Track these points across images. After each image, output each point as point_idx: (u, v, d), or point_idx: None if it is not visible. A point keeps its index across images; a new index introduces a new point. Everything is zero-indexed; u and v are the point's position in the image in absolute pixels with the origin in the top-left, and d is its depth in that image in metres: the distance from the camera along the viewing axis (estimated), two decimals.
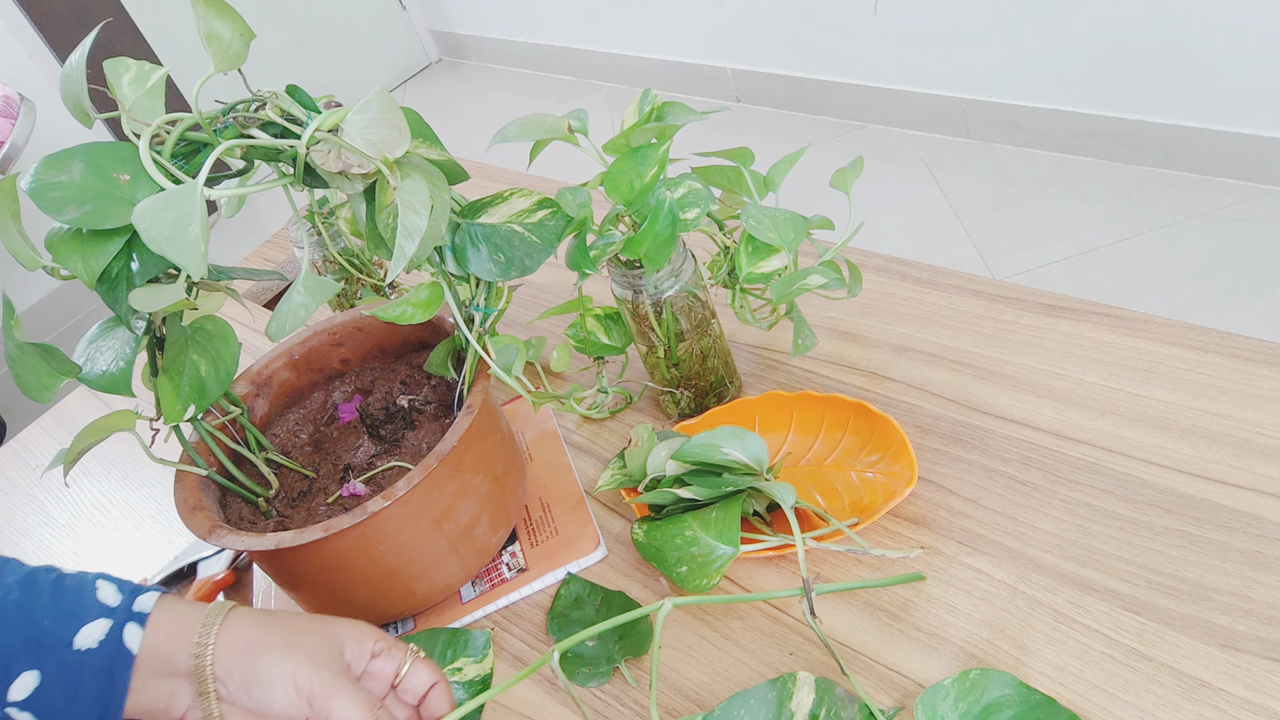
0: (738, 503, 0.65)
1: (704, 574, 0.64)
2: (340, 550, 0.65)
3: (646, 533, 0.69)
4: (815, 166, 1.26)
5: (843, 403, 0.74)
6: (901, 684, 0.59)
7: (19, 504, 1.01)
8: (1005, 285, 0.82)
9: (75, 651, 0.52)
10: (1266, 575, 0.58)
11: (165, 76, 0.60)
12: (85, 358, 0.63)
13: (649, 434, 0.70)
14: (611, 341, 0.81)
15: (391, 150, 0.57)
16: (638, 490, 0.72)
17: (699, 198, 0.69)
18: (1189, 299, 1.75)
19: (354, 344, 0.81)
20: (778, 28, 2.49)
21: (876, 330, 0.82)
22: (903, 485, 0.66)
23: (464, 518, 0.69)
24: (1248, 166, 1.89)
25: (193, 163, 0.59)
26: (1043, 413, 0.71)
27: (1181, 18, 1.80)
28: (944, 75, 2.24)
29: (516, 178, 1.18)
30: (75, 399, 1.13)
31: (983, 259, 1.99)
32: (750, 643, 0.64)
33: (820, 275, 0.72)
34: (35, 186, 0.54)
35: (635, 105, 0.73)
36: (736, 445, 0.64)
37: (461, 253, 0.65)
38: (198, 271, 0.51)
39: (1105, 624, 0.58)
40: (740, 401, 0.78)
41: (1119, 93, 1.98)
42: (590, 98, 3.08)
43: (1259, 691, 0.53)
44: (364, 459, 0.76)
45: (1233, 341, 0.70)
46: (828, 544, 0.65)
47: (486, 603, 0.72)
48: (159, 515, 0.93)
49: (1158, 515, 0.63)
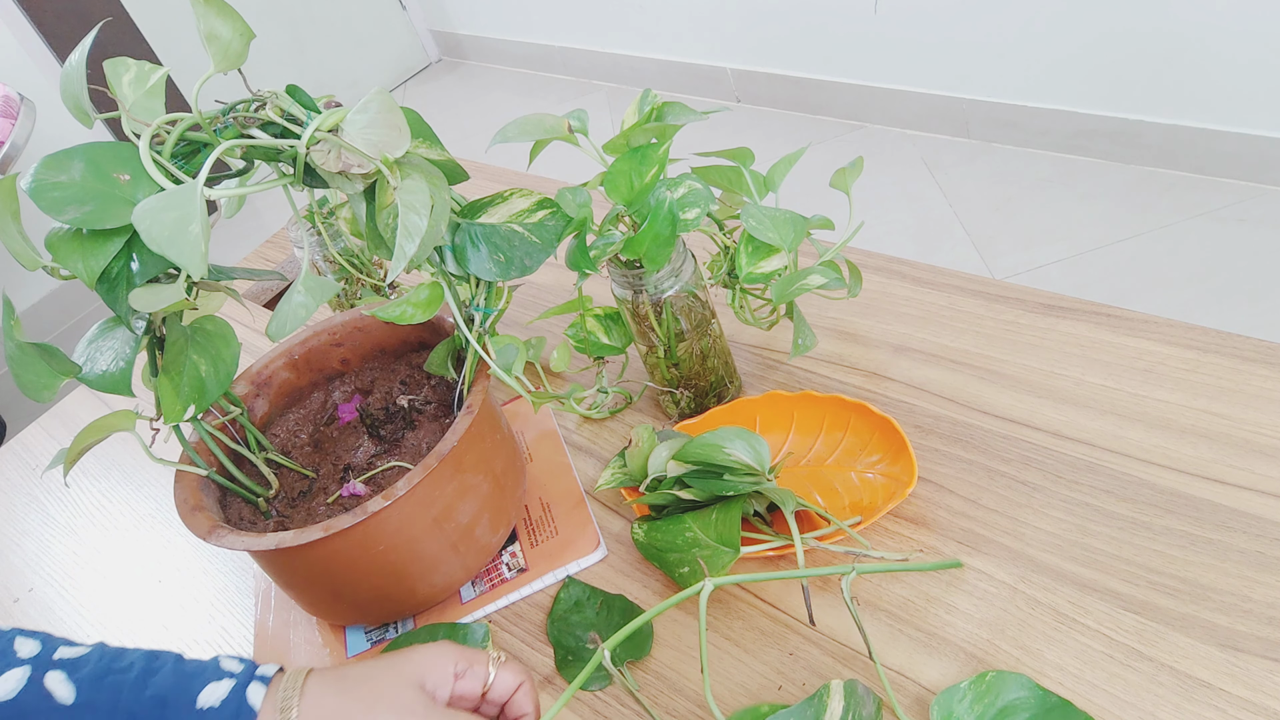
0: (738, 505, 0.65)
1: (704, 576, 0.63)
2: (340, 550, 0.65)
3: (647, 533, 0.69)
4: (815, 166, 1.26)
5: (843, 403, 0.74)
6: (902, 684, 0.59)
7: (19, 504, 1.01)
8: (1005, 285, 0.82)
9: (198, 710, 0.52)
10: (1266, 575, 0.58)
11: (165, 76, 0.60)
12: (85, 358, 0.63)
13: (649, 434, 0.70)
14: (611, 341, 0.81)
15: (391, 150, 0.57)
16: (638, 490, 0.72)
17: (699, 198, 0.69)
18: (1189, 299, 1.75)
19: (354, 344, 0.81)
20: (778, 28, 2.49)
21: (876, 330, 0.82)
22: (903, 486, 0.66)
23: (464, 518, 0.69)
24: (1248, 166, 1.89)
25: (193, 163, 0.59)
26: (1043, 413, 0.71)
27: (1181, 19, 1.80)
28: (944, 75, 2.24)
29: (516, 178, 1.18)
30: (75, 399, 1.13)
31: (983, 259, 1.99)
32: (750, 643, 0.64)
33: (820, 275, 0.72)
34: (35, 186, 0.54)
35: (635, 105, 0.73)
36: (739, 446, 0.64)
37: (461, 253, 0.65)
38: (198, 271, 0.51)
39: (1105, 624, 0.58)
40: (741, 401, 0.78)
41: (1119, 93, 1.98)
42: (590, 98, 3.08)
43: (1259, 691, 0.53)
44: (364, 459, 0.76)
45: (1233, 341, 0.70)
46: (828, 545, 0.65)
47: (486, 603, 0.72)
48: (159, 515, 0.93)
49: (1158, 515, 0.63)
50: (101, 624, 0.84)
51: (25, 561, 0.94)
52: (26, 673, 0.52)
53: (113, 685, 0.52)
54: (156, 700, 0.52)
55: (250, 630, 0.78)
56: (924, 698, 0.58)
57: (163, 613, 0.83)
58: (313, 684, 0.55)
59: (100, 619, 0.85)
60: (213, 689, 0.53)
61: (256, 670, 0.55)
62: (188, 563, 0.87)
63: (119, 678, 0.52)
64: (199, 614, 0.82)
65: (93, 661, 0.53)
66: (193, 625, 0.81)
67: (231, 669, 0.54)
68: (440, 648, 0.57)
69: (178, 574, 0.86)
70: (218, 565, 0.85)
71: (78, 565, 0.92)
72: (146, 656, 0.54)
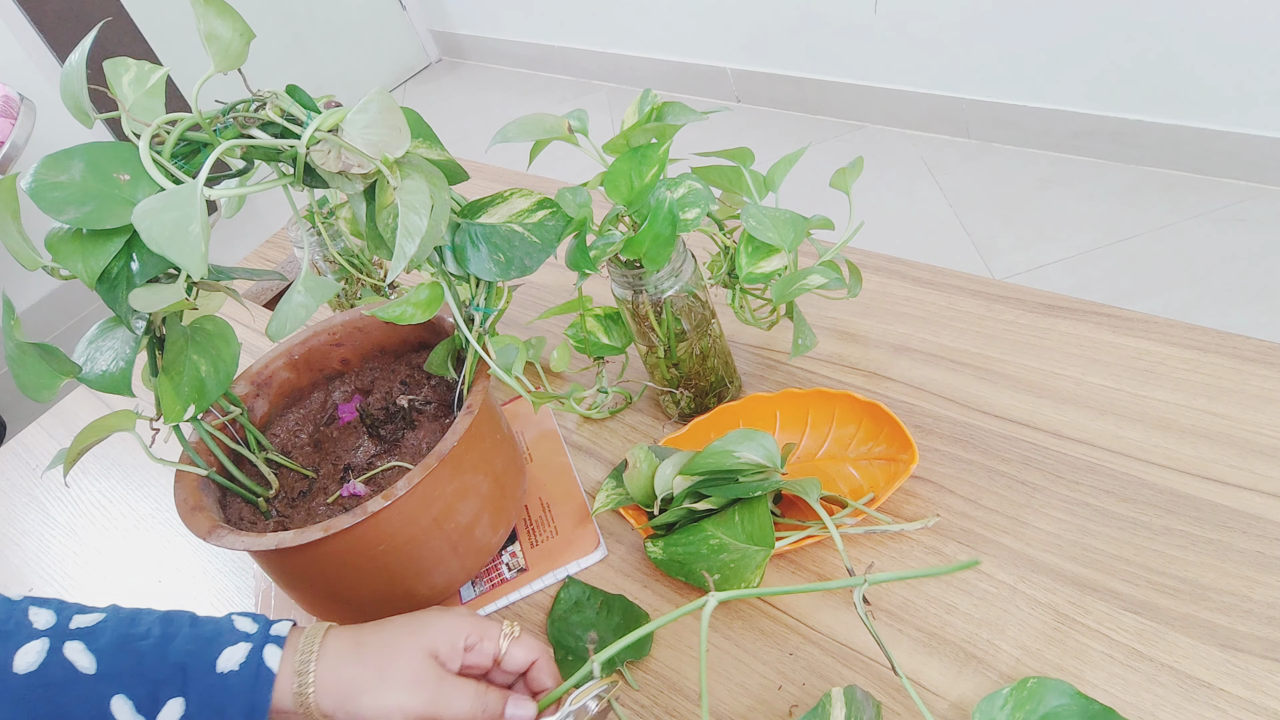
0: (763, 503, 0.65)
1: (740, 578, 0.64)
2: (340, 550, 0.65)
3: (665, 548, 0.68)
4: (815, 166, 1.26)
5: (827, 395, 0.74)
6: (902, 684, 0.59)
7: (19, 504, 1.01)
8: (1005, 285, 0.82)
9: (219, 674, 0.53)
10: (1266, 575, 0.58)
11: (165, 76, 0.60)
12: (85, 358, 0.63)
13: (647, 454, 0.69)
14: (611, 341, 0.81)
15: (391, 150, 0.57)
16: (639, 508, 0.72)
17: (699, 198, 0.69)
18: (1189, 299, 1.75)
19: (354, 344, 0.81)
20: (778, 28, 2.49)
21: (876, 330, 0.82)
22: (905, 465, 0.67)
23: (464, 518, 0.69)
24: (1248, 166, 1.89)
25: (193, 163, 0.58)
26: (1043, 413, 0.71)
27: (1181, 18, 1.80)
28: (944, 75, 2.24)
29: (516, 178, 1.18)
30: (75, 399, 1.13)
31: (983, 259, 1.99)
32: (750, 643, 0.64)
33: (820, 275, 0.72)
34: (35, 186, 0.54)
35: (635, 105, 0.73)
36: (749, 447, 0.64)
37: (461, 253, 0.65)
38: (198, 271, 0.51)
39: (1105, 624, 0.58)
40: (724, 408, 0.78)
41: (1119, 93, 1.98)
42: (590, 98, 3.08)
43: (1259, 691, 0.53)
44: (364, 459, 0.76)
45: (1233, 341, 0.70)
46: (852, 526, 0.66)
47: (487, 602, 0.72)
48: (159, 515, 0.93)
49: (1158, 515, 0.63)
50: None
51: (25, 561, 0.94)
52: (46, 645, 0.53)
53: (133, 652, 0.53)
54: (177, 667, 0.53)
55: None
56: (924, 697, 0.58)
57: None
58: (329, 647, 0.56)
59: None
60: (230, 653, 0.54)
61: (271, 629, 0.56)
62: (188, 563, 0.87)
63: (138, 644, 0.53)
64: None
65: (110, 630, 0.54)
66: None
67: (246, 629, 0.55)
68: (454, 617, 0.59)
69: (178, 574, 0.86)
70: (218, 565, 0.85)
71: (78, 565, 0.92)
72: (162, 621, 0.55)
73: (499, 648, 0.59)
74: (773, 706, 0.61)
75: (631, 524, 0.73)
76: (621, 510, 0.73)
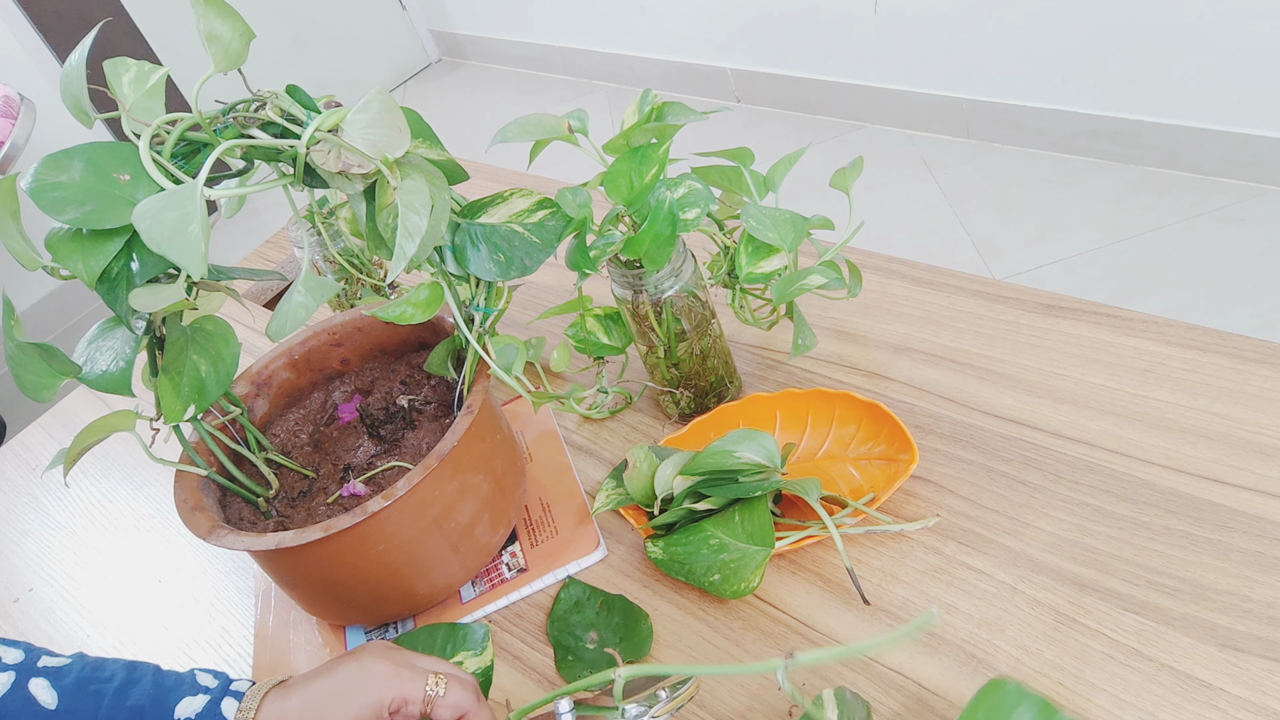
0: (763, 503, 0.65)
1: (740, 579, 0.64)
2: (340, 550, 0.65)
3: (665, 548, 0.68)
4: (815, 166, 1.26)
5: (827, 395, 0.74)
6: (901, 684, 0.59)
7: (19, 504, 1.01)
8: (1005, 285, 0.82)
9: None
10: (1266, 575, 0.58)
11: (165, 76, 0.60)
12: (85, 358, 0.63)
13: (647, 454, 0.70)
14: (611, 341, 0.81)
15: (391, 150, 0.57)
16: (639, 508, 0.72)
17: (699, 198, 0.69)
18: (1189, 299, 1.75)
19: (354, 344, 0.81)
20: (778, 28, 2.49)
21: (876, 330, 0.82)
22: (905, 465, 0.67)
23: (464, 518, 0.69)
24: (1248, 166, 1.89)
25: (193, 163, 0.58)
26: (1043, 413, 0.71)
27: (1181, 18, 1.80)
28: (944, 75, 2.24)
29: (516, 178, 1.18)
30: (75, 399, 1.13)
31: (983, 259, 1.99)
32: (750, 643, 0.64)
33: (820, 275, 0.72)
34: (35, 186, 0.54)
35: (635, 105, 0.73)
36: (749, 447, 0.64)
37: (461, 253, 0.65)
38: (198, 271, 0.51)
39: (1105, 624, 0.58)
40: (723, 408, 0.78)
41: (1119, 93, 1.98)
42: (590, 98, 3.08)
43: (1259, 691, 0.53)
44: (364, 459, 0.76)
45: (1233, 341, 0.70)
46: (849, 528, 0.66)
47: (486, 603, 0.72)
48: (159, 515, 0.93)
49: (1158, 515, 0.63)
50: (101, 624, 0.84)
51: (25, 561, 0.94)
52: (11, 678, 0.54)
53: (94, 694, 0.54)
54: (135, 710, 0.54)
55: (250, 630, 0.78)
56: (924, 697, 0.58)
57: (163, 613, 0.83)
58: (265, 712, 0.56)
59: (100, 619, 0.85)
60: (189, 702, 0.55)
61: (231, 685, 0.57)
62: (188, 563, 0.87)
63: (100, 687, 0.55)
64: (199, 614, 0.82)
65: (75, 671, 0.55)
66: (193, 625, 0.81)
67: (207, 683, 0.57)
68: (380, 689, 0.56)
69: (178, 574, 0.86)
70: (218, 565, 0.85)
71: (78, 565, 0.92)
72: (127, 667, 0.56)
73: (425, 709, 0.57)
74: (772, 706, 0.61)
75: (631, 524, 0.73)
76: (621, 510, 0.73)
